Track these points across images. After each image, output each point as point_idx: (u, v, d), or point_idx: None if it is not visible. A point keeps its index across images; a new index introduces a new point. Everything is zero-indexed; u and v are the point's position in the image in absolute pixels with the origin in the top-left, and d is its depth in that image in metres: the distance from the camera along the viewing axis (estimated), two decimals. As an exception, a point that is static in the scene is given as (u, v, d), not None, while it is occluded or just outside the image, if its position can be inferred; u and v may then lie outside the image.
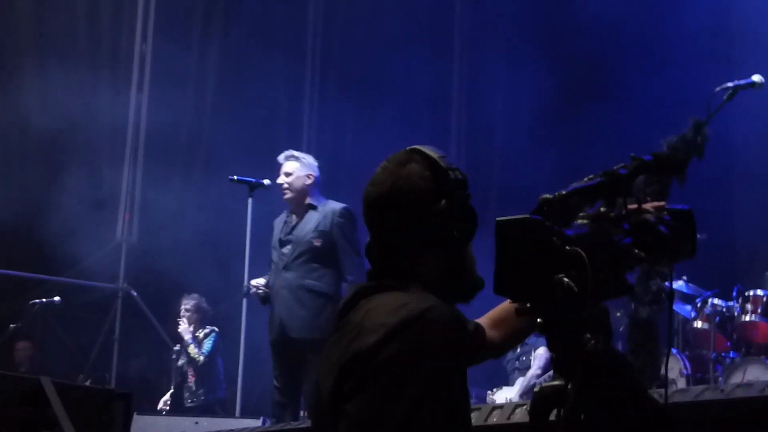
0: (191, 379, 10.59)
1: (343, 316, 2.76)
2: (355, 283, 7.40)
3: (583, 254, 2.44)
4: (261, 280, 8.05)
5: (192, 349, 10.52)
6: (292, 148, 8.39)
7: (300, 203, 8.00)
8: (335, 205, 7.93)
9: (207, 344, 10.61)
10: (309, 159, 8.13)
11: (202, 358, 10.49)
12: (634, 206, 2.60)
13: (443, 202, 2.72)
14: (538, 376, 9.51)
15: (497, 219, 2.47)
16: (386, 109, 12.84)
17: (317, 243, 7.82)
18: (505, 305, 3.08)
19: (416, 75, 13.46)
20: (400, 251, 2.77)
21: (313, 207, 7.95)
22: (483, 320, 3.06)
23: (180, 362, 10.67)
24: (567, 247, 2.46)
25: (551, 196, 2.52)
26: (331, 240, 7.81)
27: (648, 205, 2.61)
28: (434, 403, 2.47)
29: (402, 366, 2.49)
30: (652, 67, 12.02)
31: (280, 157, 8.10)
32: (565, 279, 2.44)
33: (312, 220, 7.93)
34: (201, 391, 10.52)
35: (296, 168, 8.01)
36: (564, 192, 2.51)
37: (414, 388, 2.46)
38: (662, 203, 2.65)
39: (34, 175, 11.65)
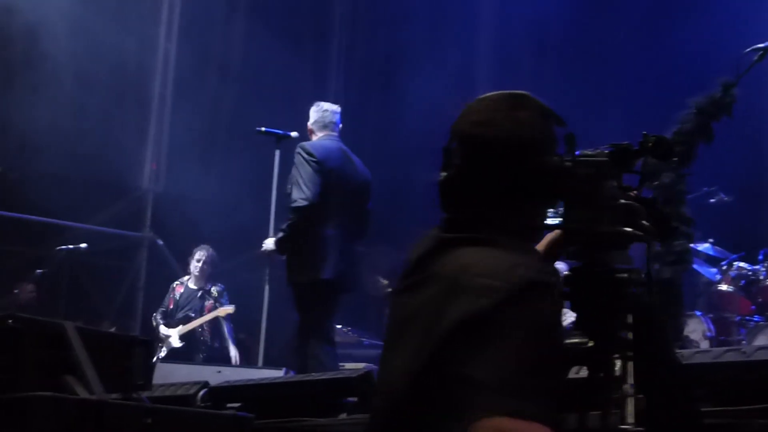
0: (206, 333, 10.62)
1: (423, 267, 2.51)
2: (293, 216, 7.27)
3: (643, 208, 2.49)
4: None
5: (209, 303, 10.61)
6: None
7: None
8: None
9: (226, 301, 10.69)
10: (318, 107, 7.89)
11: (229, 312, 10.57)
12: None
13: (555, 157, 2.53)
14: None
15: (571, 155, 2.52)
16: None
17: (288, 190, 7.56)
18: None
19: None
20: (500, 200, 2.52)
21: None
22: None
23: (187, 315, 10.69)
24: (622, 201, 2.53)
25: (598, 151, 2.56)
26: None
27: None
28: (550, 362, 2.27)
29: (525, 328, 2.25)
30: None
31: None
32: (627, 229, 2.48)
33: None
34: (216, 344, 10.58)
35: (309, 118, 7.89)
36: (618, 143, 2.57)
37: (533, 345, 2.25)
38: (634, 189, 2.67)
39: (62, 120, 11.59)
